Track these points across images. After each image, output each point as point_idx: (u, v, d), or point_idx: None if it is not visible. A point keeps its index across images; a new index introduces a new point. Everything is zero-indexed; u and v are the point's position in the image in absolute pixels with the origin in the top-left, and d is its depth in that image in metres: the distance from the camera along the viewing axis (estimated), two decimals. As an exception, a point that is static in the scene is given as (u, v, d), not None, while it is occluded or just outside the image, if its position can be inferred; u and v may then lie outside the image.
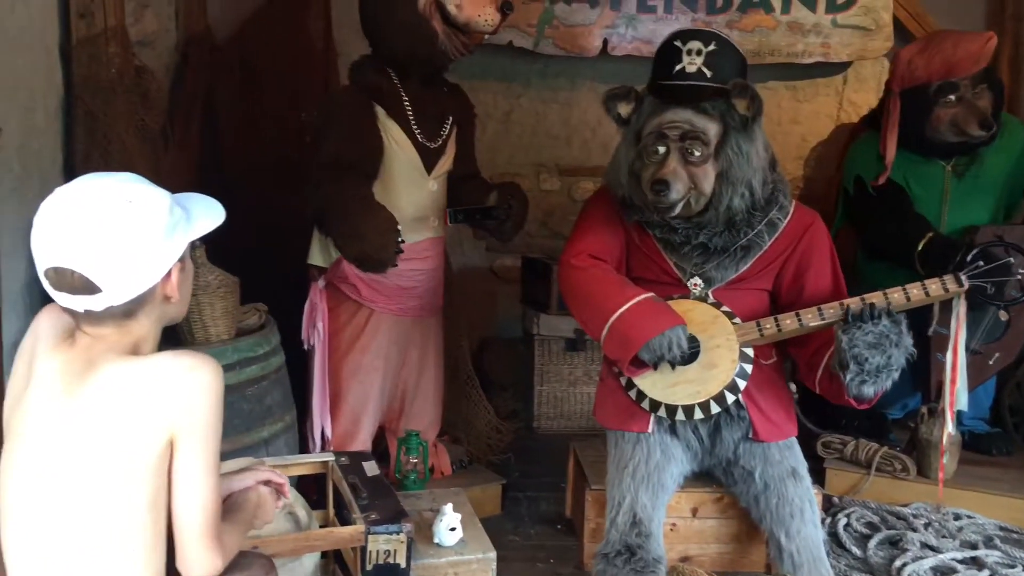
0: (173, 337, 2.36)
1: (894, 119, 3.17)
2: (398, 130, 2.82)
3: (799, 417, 3.72)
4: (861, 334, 2.25)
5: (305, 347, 2.88)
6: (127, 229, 1.36)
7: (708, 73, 2.34)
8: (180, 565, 1.42)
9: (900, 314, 2.32)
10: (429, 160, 2.90)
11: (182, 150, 3.39)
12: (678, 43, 2.37)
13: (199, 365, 1.41)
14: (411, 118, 2.85)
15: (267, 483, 1.71)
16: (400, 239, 2.59)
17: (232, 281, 2.48)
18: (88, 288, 1.36)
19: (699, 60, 2.34)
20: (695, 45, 2.35)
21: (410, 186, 2.87)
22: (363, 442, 2.91)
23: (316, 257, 2.91)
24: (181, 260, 1.47)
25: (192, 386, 1.39)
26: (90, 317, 1.40)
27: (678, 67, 2.35)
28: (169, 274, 1.44)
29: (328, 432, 2.85)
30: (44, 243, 1.36)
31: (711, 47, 2.34)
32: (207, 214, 1.52)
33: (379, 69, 2.86)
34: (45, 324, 1.48)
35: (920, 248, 3.04)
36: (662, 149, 2.34)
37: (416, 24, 2.74)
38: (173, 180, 3.04)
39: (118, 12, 2.80)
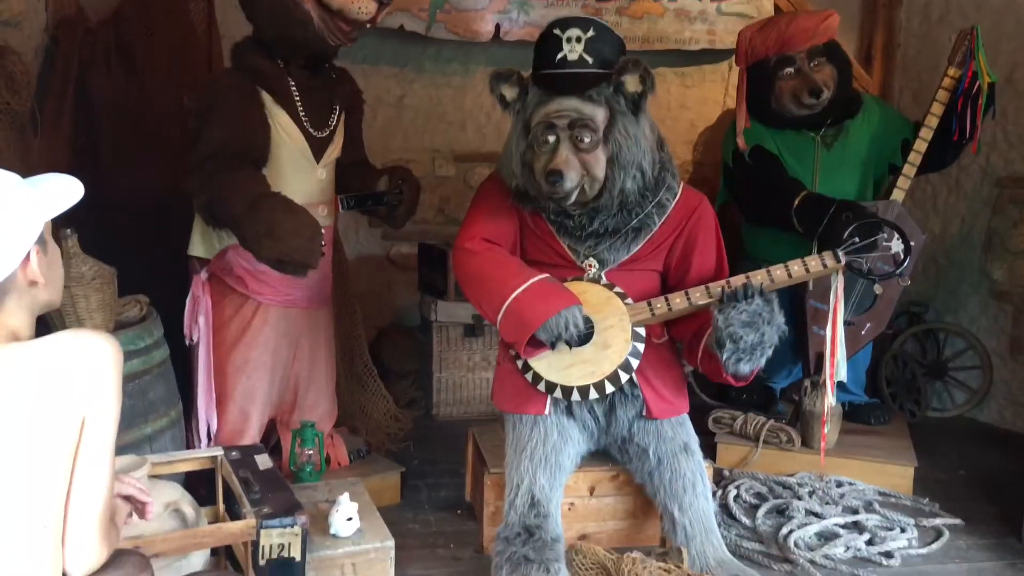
0: (44, 333, 2.23)
1: (742, 92, 3.47)
2: (286, 118, 2.73)
3: (696, 391, 3.86)
4: (736, 313, 2.32)
5: (188, 343, 2.77)
6: None
7: (589, 60, 2.36)
8: (67, 554, 1.36)
9: (772, 293, 2.41)
10: (317, 148, 2.82)
11: (53, 135, 3.22)
12: (557, 31, 2.38)
13: (102, 342, 1.37)
14: (299, 105, 2.76)
15: (127, 499, 1.60)
16: (322, 242, 2.50)
17: (108, 272, 2.35)
18: None
19: (579, 47, 2.36)
20: (574, 33, 2.36)
21: (298, 174, 2.78)
22: (252, 438, 2.82)
23: (197, 248, 2.80)
24: (41, 242, 1.40)
25: (99, 365, 1.35)
26: None
27: (560, 55, 2.36)
28: (28, 257, 1.38)
29: (214, 429, 2.75)
30: None
31: (590, 33, 2.36)
32: (63, 192, 1.44)
33: (263, 52, 2.74)
34: None
35: (796, 205, 3.20)
36: (552, 138, 2.36)
37: (287, 7, 2.62)
38: (44, 165, 2.89)
39: (-22, -10, 2.63)
